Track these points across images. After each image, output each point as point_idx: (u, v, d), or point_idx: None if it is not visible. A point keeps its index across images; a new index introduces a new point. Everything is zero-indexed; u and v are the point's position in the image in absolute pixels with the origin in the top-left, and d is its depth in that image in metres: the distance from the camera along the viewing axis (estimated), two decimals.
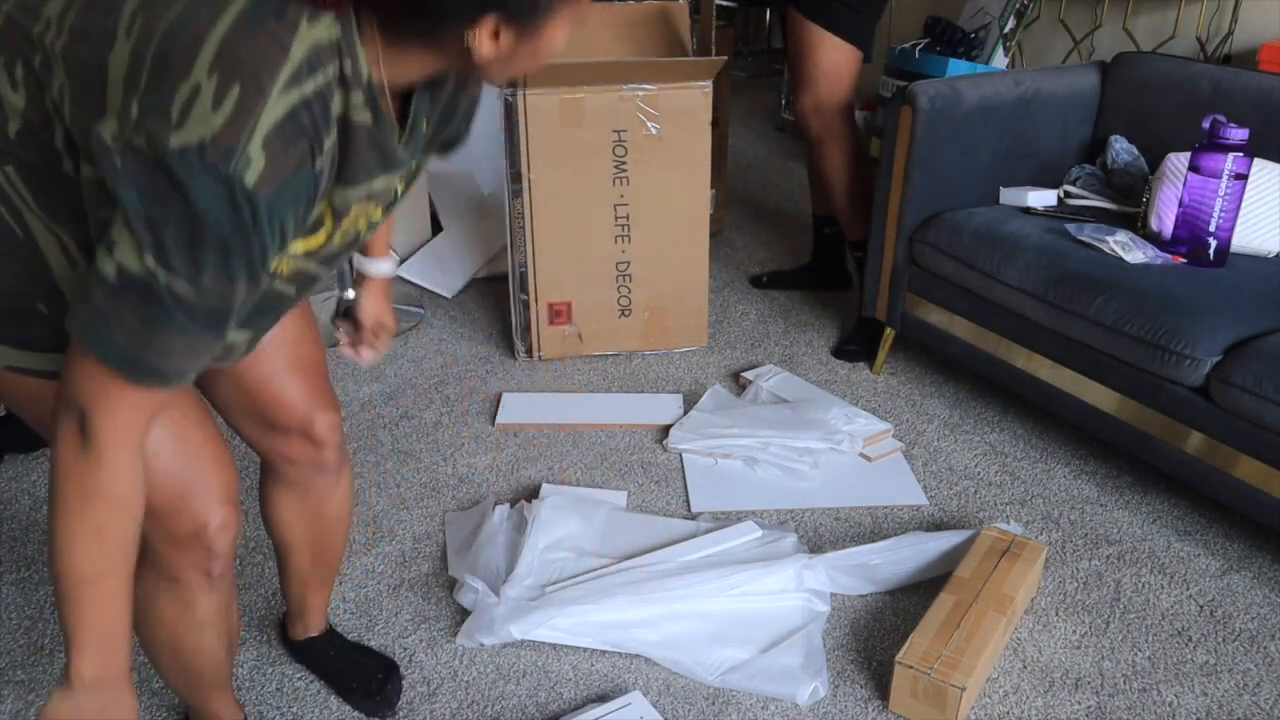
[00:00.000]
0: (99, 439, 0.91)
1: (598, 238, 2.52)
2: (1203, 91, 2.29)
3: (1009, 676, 1.62)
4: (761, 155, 4.56)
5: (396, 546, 1.92)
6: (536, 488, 2.09)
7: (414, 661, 1.65)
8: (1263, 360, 1.71)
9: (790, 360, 2.64)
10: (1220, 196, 1.97)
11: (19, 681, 1.60)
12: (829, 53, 2.49)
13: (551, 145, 2.41)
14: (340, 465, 1.45)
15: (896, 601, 1.78)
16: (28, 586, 1.81)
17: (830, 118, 2.55)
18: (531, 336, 2.61)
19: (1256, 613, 1.75)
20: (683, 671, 1.61)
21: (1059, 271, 2.02)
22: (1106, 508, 2.04)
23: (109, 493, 0.93)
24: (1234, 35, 3.28)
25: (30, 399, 1.05)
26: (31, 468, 2.16)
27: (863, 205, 2.59)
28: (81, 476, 0.92)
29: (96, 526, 0.93)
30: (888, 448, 2.22)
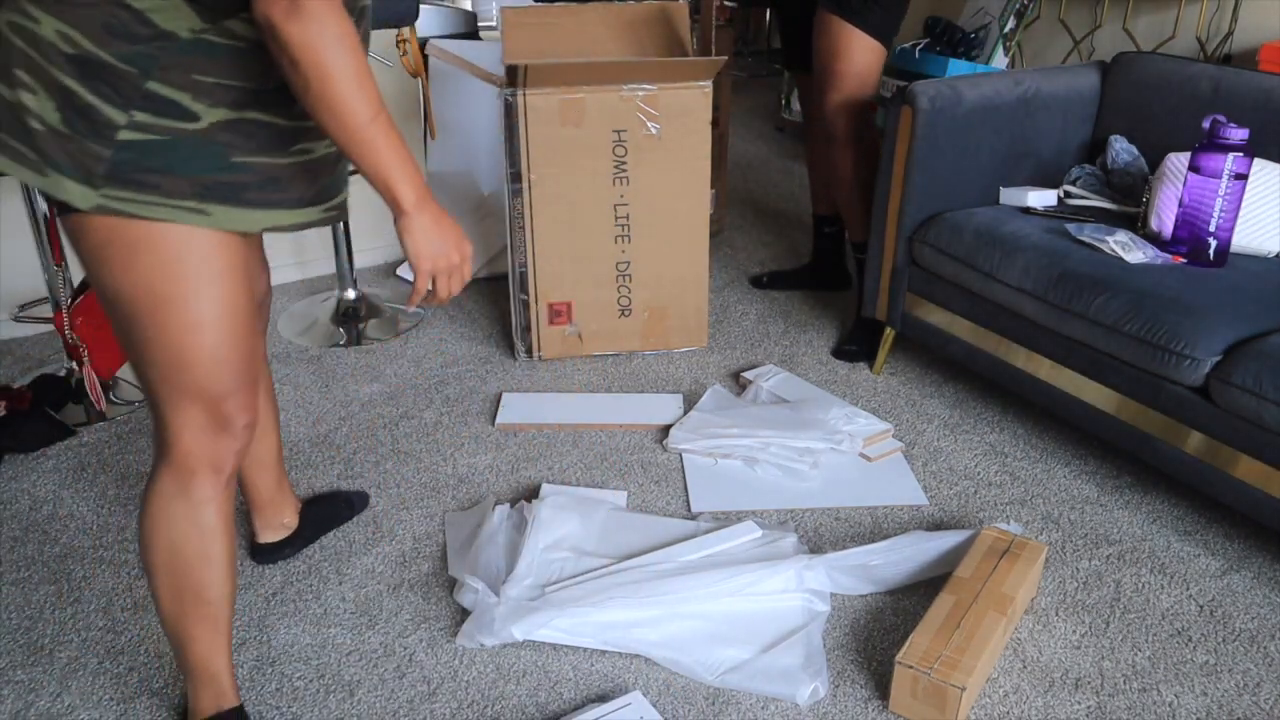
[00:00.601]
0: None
1: (598, 238, 2.52)
2: (1203, 91, 2.29)
3: (1009, 676, 1.62)
4: (761, 155, 4.56)
5: (396, 546, 1.92)
6: (536, 488, 2.09)
7: (414, 661, 1.65)
8: (1263, 360, 1.71)
9: (790, 360, 2.64)
10: (1220, 196, 1.97)
11: (19, 681, 1.60)
12: (861, 52, 2.46)
13: (551, 145, 2.41)
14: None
15: (896, 601, 1.78)
16: (28, 586, 1.81)
17: (858, 117, 2.53)
18: (531, 336, 2.61)
19: (1256, 613, 1.75)
20: (683, 671, 1.61)
21: (1059, 271, 2.02)
22: (1106, 508, 2.04)
23: (354, 41, 1.09)
24: (1234, 35, 3.28)
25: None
26: (31, 468, 2.16)
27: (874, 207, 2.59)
28: (341, 36, 1.08)
29: (356, 72, 1.10)
30: (888, 448, 2.22)
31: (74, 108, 1.12)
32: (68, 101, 1.12)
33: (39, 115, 1.12)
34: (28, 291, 2.75)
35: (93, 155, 1.13)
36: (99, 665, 1.63)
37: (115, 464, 2.18)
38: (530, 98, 2.35)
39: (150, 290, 1.19)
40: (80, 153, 1.13)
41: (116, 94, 1.12)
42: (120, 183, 1.14)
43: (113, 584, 1.82)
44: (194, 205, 1.17)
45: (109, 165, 1.14)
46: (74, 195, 1.14)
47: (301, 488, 2.09)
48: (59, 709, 1.55)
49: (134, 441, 2.26)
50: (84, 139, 1.13)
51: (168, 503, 1.31)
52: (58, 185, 1.14)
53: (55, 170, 1.14)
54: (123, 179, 1.14)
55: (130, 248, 1.17)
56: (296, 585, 1.81)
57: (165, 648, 1.67)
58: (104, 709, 1.55)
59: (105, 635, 1.70)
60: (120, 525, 1.98)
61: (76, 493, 2.08)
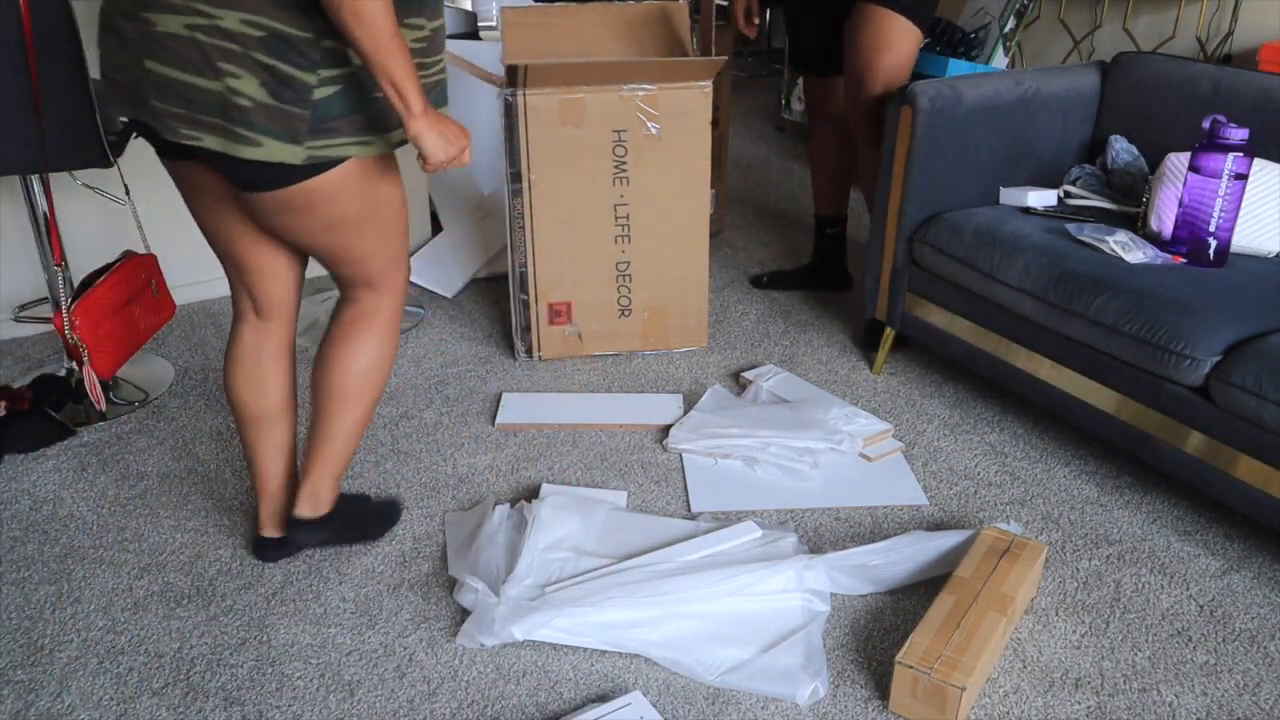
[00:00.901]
0: None
1: (598, 238, 2.52)
2: (1203, 91, 2.29)
3: (1009, 676, 1.62)
4: (761, 155, 4.56)
5: (396, 546, 1.92)
6: (536, 488, 2.09)
7: (414, 661, 1.65)
8: (1263, 360, 1.71)
9: (790, 360, 2.64)
10: (1220, 196, 1.97)
11: (19, 681, 1.60)
12: (904, 39, 2.46)
13: (551, 145, 2.41)
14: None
15: (896, 601, 1.78)
16: (28, 586, 1.81)
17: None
18: (531, 336, 2.61)
19: (1256, 613, 1.75)
20: (683, 671, 1.61)
21: (1059, 271, 2.02)
22: (1106, 508, 2.04)
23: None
24: (1234, 35, 3.28)
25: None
26: (31, 468, 2.16)
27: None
28: None
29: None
30: (888, 448, 2.22)
31: (277, 80, 1.35)
32: (271, 77, 1.35)
33: (248, 95, 1.34)
34: (28, 291, 2.75)
35: (297, 117, 1.38)
36: (99, 665, 1.63)
37: (115, 464, 2.18)
38: (530, 98, 2.35)
39: (374, 201, 1.54)
40: (286, 118, 1.37)
41: (305, 59, 1.36)
42: (317, 134, 1.40)
43: (113, 584, 1.82)
44: (361, 139, 1.46)
45: (310, 122, 1.39)
46: (288, 155, 1.39)
47: None
48: (59, 709, 1.55)
49: (134, 441, 2.26)
50: (289, 105, 1.37)
51: (390, 347, 1.72)
52: (273, 151, 1.38)
53: (268, 137, 1.37)
54: (318, 130, 1.40)
55: (352, 180, 1.48)
56: (296, 585, 1.81)
57: (165, 647, 1.67)
58: (104, 709, 1.55)
59: (105, 635, 1.70)
60: (120, 525, 1.98)
61: (76, 493, 2.08)
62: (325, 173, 1.44)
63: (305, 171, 1.42)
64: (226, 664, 1.64)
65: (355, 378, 1.69)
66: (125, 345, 2.29)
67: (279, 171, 1.41)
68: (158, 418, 2.37)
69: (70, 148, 2.08)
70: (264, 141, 1.37)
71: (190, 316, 2.91)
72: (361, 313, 1.69)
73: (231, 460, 2.20)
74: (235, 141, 1.37)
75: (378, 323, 1.69)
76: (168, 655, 1.65)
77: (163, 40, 1.34)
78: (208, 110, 1.36)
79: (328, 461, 1.76)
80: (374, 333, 1.69)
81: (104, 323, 2.22)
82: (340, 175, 1.46)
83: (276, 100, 1.36)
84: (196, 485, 2.11)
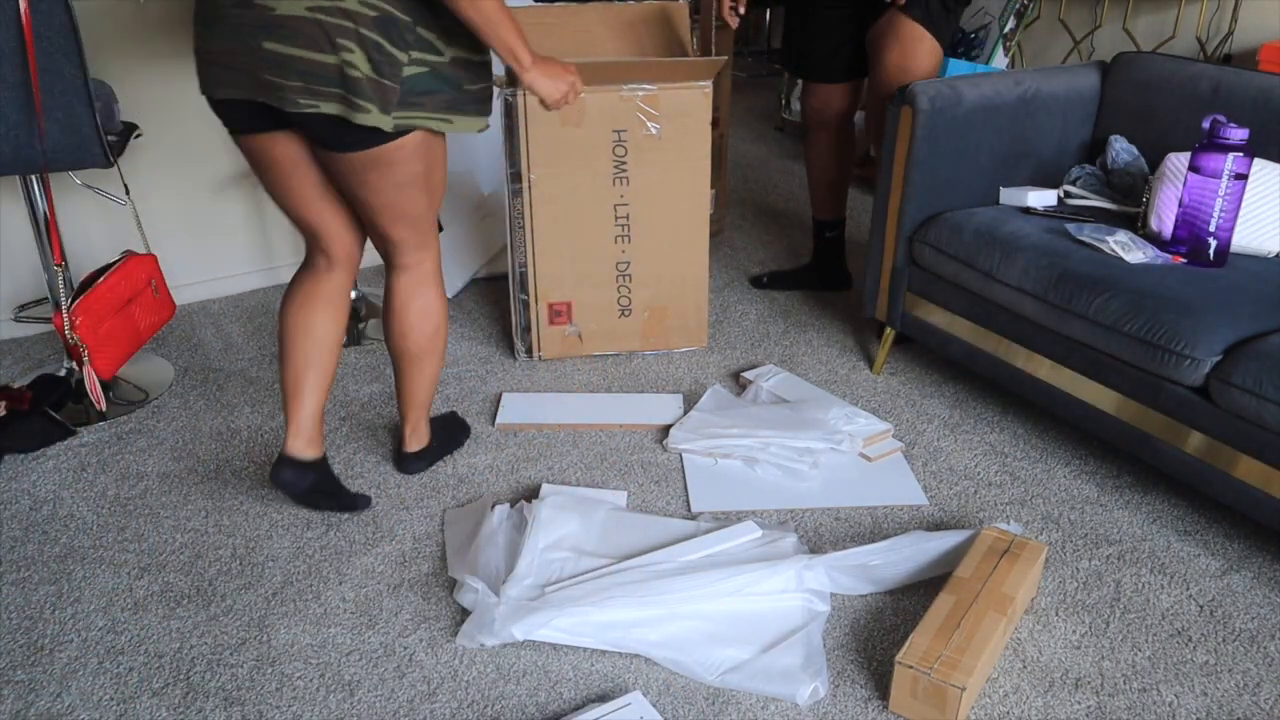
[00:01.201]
0: None
1: (598, 238, 2.52)
2: (1203, 91, 2.29)
3: (1009, 676, 1.62)
4: (761, 155, 4.56)
5: (396, 546, 1.92)
6: (536, 488, 2.09)
7: (414, 661, 1.65)
8: (1263, 360, 1.71)
9: (790, 360, 2.64)
10: (1220, 196, 1.97)
11: (19, 681, 1.60)
12: (928, 57, 2.52)
13: (551, 145, 2.41)
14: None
15: (896, 601, 1.78)
16: (28, 586, 1.81)
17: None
18: (531, 336, 2.61)
19: (1256, 613, 1.76)
20: (683, 671, 1.61)
21: (1059, 271, 2.02)
22: (1106, 508, 2.04)
23: None
24: (1234, 35, 3.28)
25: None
26: (31, 468, 2.16)
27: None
28: None
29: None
30: (888, 448, 2.22)
31: (381, 56, 1.57)
32: (378, 53, 1.57)
33: (358, 67, 1.57)
34: (28, 291, 2.75)
35: (389, 89, 1.60)
36: (99, 665, 1.63)
37: (115, 464, 2.18)
38: (530, 98, 2.35)
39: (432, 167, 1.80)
40: (382, 89, 1.60)
41: (402, 40, 1.59)
42: (403, 106, 1.63)
43: (113, 584, 1.82)
44: (444, 116, 1.70)
45: (399, 95, 1.62)
46: (381, 121, 1.62)
47: None
48: (59, 709, 1.55)
49: (134, 441, 2.26)
50: (385, 79, 1.59)
51: (440, 296, 1.97)
52: (370, 117, 1.60)
53: (369, 103, 1.59)
54: (404, 103, 1.63)
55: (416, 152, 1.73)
56: (296, 585, 1.82)
57: (165, 647, 1.67)
58: (104, 709, 1.55)
59: (105, 635, 1.70)
60: (120, 525, 1.98)
61: (76, 493, 2.08)
62: (405, 136, 1.69)
63: (389, 136, 1.67)
64: (226, 664, 1.64)
65: (425, 337, 1.97)
66: (125, 345, 2.29)
67: (370, 135, 1.66)
68: (158, 418, 2.37)
69: (70, 148, 2.08)
70: (370, 109, 1.60)
71: (190, 316, 2.91)
72: (415, 278, 1.94)
73: (231, 460, 2.20)
74: (352, 109, 1.59)
75: (431, 280, 1.96)
76: (168, 655, 1.65)
77: (283, 22, 1.55)
78: (326, 82, 1.58)
79: (420, 406, 2.08)
80: (429, 291, 1.96)
81: (104, 323, 2.22)
82: (415, 139, 1.71)
83: (377, 74, 1.59)
84: (196, 485, 2.11)
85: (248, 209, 3.02)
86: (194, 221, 2.95)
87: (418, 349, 1.99)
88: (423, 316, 1.96)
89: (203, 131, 2.86)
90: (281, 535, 1.95)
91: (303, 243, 1.94)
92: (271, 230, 3.08)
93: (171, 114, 2.79)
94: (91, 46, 2.62)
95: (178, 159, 2.85)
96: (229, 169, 2.94)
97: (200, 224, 2.96)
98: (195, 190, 2.92)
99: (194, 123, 2.84)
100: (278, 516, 2.01)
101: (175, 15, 2.70)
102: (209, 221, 2.97)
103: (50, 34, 1.97)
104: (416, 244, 1.92)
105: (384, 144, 1.68)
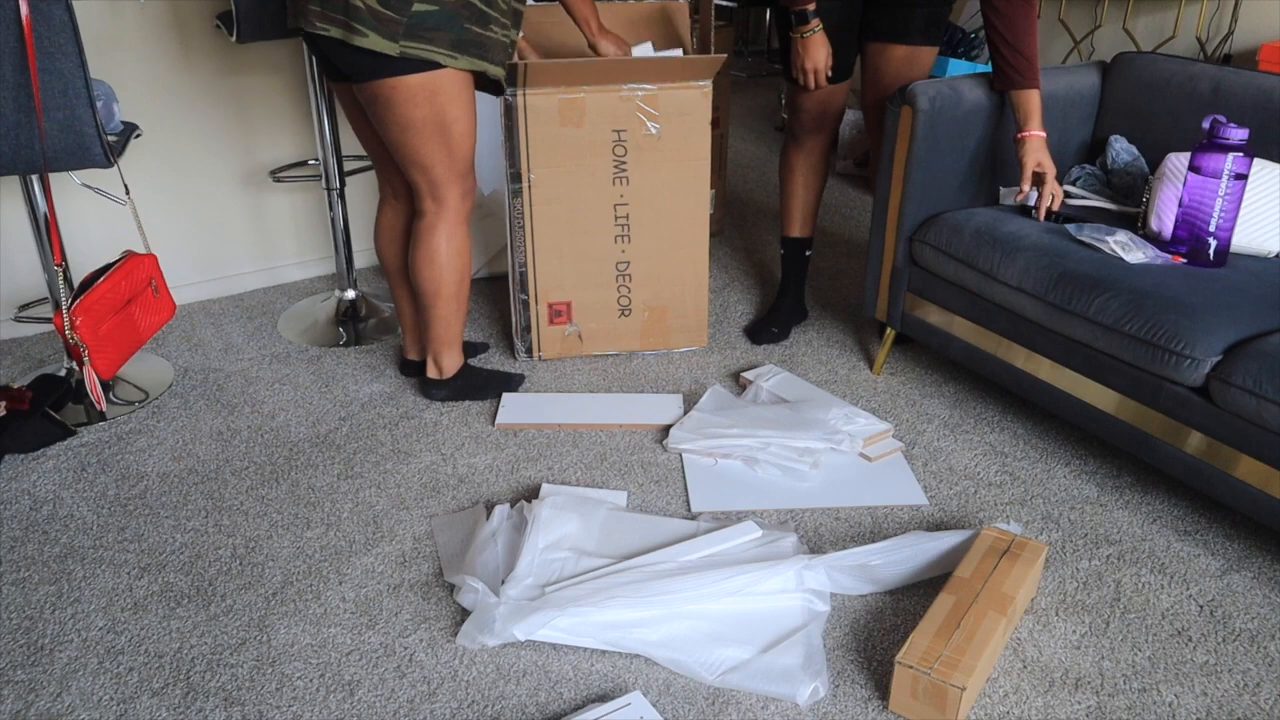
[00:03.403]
0: None
1: (598, 238, 2.52)
2: (1203, 91, 2.29)
3: (1009, 676, 1.62)
4: (761, 155, 4.56)
5: (396, 546, 1.92)
6: (536, 488, 2.09)
7: (414, 661, 1.65)
8: (1263, 360, 1.71)
9: (790, 360, 2.64)
10: (1220, 196, 1.97)
11: (19, 681, 1.60)
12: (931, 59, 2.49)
13: (551, 145, 2.41)
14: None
15: (896, 601, 1.78)
16: (28, 586, 1.81)
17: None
18: (531, 336, 2.61)
19: (1256, 613, 1.76)
20: (683, 671, 1.61)
21: (1059, 271, 2.02)
22: (1106, 508, 2.04)
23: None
24: (1234, 35, 3.28)
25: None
26: (31, 468, 2.16)
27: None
28: None
29: None
30: (888, 448, 2.22)
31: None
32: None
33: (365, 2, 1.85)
34: (28, 291, 2.76)
35: (394, 22, 1.87)
36: (99, 665, 1.63)
37: (115, 464, 2.18)
38: (530, 97, 2.35)
39: (442, 116, 2.01)
40: (387, 21, 1.87)
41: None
42: (411, 37, 1.88)
43: (113, 584, 1.82)
44: (449, 52, 1.94)
45: (405, 27, 1.88)
46: (384, 46, 1.88)
47: (302, 487, 2.09)
48: (59, 709, 1.55)
49: (134, 441, 2.26)
50: (390, 10, 1.86)
51: (452, 239, 2.20)
52: (369, 41, 1.87)
53: (371, 31, 1.87)
54: (413, 35, 1.89)
55: (430, 90, 1.97)
56: (296, 585, 1.82)
57: (165, 647, 1.67)
58: (104, 709, 1.55)
59: (105, 635, 1.70)
60: (120, 525, 1.98)
61: (76, 493, 2.08)
62: (410, 75, 1.92)
63: (398, 66, 1.91)
64: (226, 664, 1.64)
65: (431, 279, 2.21)
66: (125, 345, 2.29)
67: (379, 62, 1.90)
68: (158, 418, 2.37)
69: (70, 148, 2.08)
70: (369, 34, 1.87)
71: (190, 316, 2.91)
72: (426, 226, 2.18)
73: (231, 460, 2.20)
74: (350, 33, 1.87)
75: (438, 232, 2.17)
76: (168, 655, 1.66)
77: None
78: (334, 8, 1.88)
79: (434, 340, 2.33)
80: (436, 240, 2.18)
81: (104, 323, 2.22)
82: (419, 81, 1.94)
83: (382, 5, 1.86)
84: (196, 485, 2.11)
85: (248, 209, 3.02)
86: (194, 221, 2.95)
87: (422, 289, 2.23)
88: (425, 262, 2.19)
89: (203, 131, 2.86)
90: (281, 535, 1.95)
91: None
92: (271, 230, 3.08)
93: (171, 114, 2.79)
94: (91, 46, 2.62)
95: (178, 159, 2.85)
96: (229, 169, 2.94)
97: (200, 224, 2.96)
98: (195, 190, 2.92)
99: (194, 123, 2.84)
100: (278, 516, 2.01)
101: (175, 15, 2.70)
102: (209, 221, 2.97)
103: (50, 34, 1.97)
104: (430, 194, 2.13)
105: (387, 78, 1.92)
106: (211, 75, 2.81)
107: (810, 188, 2.68)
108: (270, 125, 2.95)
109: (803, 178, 2.67)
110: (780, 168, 2.71)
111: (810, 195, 2.69)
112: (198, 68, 2.78)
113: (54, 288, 2.38)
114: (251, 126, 2.93)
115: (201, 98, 2.82)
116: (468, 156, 2.13)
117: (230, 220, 3.01)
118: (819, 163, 2.66)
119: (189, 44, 2.75)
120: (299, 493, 2.08)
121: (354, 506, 2.04)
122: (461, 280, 2.26)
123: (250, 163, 2.97)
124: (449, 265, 2.21)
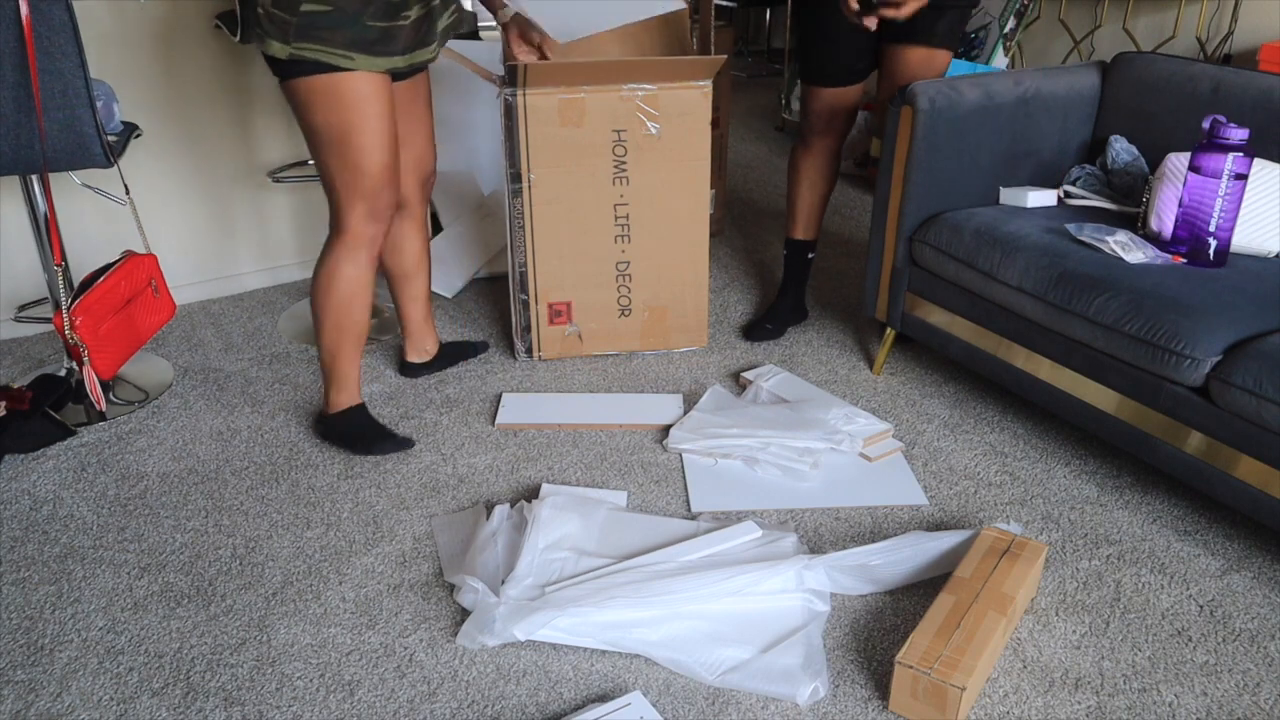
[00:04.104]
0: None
1: (598, 238, 2.52)
2: (1203, 91, 2.29)
3: (1009, 676, 1.62)
4: (761, 155, 4.56)
5: (396, 546, 1.92)
6: (536, 488, 2.09)
7: (414, 661, 1.65)
8: (1263, 360, 1.71)
9: (790, 360, 2.64)
10: (1220, 196, 1.97)
11: (19, 681, 1.60)
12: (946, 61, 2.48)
13: (551, 145, 2.41)
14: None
15: (896, 601, 1.78)
16: (28, 586, 1.81)
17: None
18: (531, 336, 2.61)
19: (1256, 613, 1.76)
20: (683, 671, 1.61)
21: (1059, 271, 2.02)
22: (1106, 508, 2.04)
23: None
24: (1234, 35, 3.28)
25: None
26: (31, 468, 2.16)
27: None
28: None
29: None
30: (888, 448, 2.22)
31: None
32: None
33: (262, 4, 1.79)
34: (28, 291, 2.76)
35: (286, 23, 1.78)
36: (99, 665, 1.63)
37: (115, 464, 2.18)
38: (530, 97, 2.35)
39: (340, 125, 1.86)
40: (280, 23, 1.79)
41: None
42: (303, 38, 1.78)
43: (113, 584, 1.82)
44: (345, 53, 1.80)
45: (295, 28, 1.78)
46: (277, 50, 1.80)
47: (302, 487, 2.09)
48: (59, 709, 1.55)
49: (134, 441, 2.26)
50: (283, 14, 1.78)
51: (340, 265, 2.01)
52: (269, 46, 1.80)
53: (268, 37, 1.80)
54: (304, 35, 1.78)
55: (325, 96, 1.83)
56: (296, 585, 1.82)
57: (165, 647, 1.67)
58: (104, 709, 1.55)
59: (105, 635, 1.70)
60: (120, 525, 1.98)
61: (76, 493, 2.08)
62: (302, 78, 1.82)
63: (291, 68, 1.82)
64: (226, 664, 1.64)
65: (315, 304, 2.07)
66: (125, 345, 2.29)
67: (279, 66, 1.83)
68: (158, 418, 2.37)
69: (70, 148, 2.08)
70: (266, 40, 1.81)
71: (190, 316, 2.91)
72: (325, 245, 2.05)
73: (231, 460, 2.20)
74: (260, 40, 1.83)
75: (330, 256, 2.02)
76: (168, 655, 1.66)
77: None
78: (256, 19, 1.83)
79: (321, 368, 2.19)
80: (328, 264, 2.03)
81: (104, 323, 2.22)
82: (312, 85, 1.83)
83: (275, 7, 1.78)
84: (196, 485, 2.11)
85: (248, 209, 3.02)
86: (194, 221, 2.95)
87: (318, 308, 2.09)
88: (314, 284, 2.07)
89: (203, 132, 2.86)
90: (281, 535, 1.95)
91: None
92: (271, 230, 3.08)
93: (171, 114, 2.79)
94: (91, 46, 2.62)
95: (178, 159, 2.85)
96: (229, 169, 2.94)
97: (200, 224, 2.96)
98: (195, 190, 2.92)
99: (194, 123, 2.84)
100: (278, 516, 2.01)
101: (175, 15, 2.70)
102: (209, 221, 2.97)
103: (50, 34, 1.97)
104: (333, 208, 1.99)
105: (284, 81, 1.85)
106: (211, 75, 2.81)
107: (815, 191, 2.67)
108: (270, 125, 2.96)
109: (808, 180, 2.66)
110: (788, 169, 2.72)
111: (815, 198, 2.68)
112: (198, 68, 2.78)
113: (54, 288, 2.38)
114: (251, 126, 2.93)
115: (201, 98, 2.82)
116: (376, 172, 1.93)
117: (230, 220, 3.01)
118: (826, 166, 2.64)
119: (189, 44, 2.75)
120: (299, 493, 2.08)
121: (354, 506, 2.04)
122: (346, 311, 2.04)
123: (250, 163, 2.97)
124: (333, 293, 2.02)
